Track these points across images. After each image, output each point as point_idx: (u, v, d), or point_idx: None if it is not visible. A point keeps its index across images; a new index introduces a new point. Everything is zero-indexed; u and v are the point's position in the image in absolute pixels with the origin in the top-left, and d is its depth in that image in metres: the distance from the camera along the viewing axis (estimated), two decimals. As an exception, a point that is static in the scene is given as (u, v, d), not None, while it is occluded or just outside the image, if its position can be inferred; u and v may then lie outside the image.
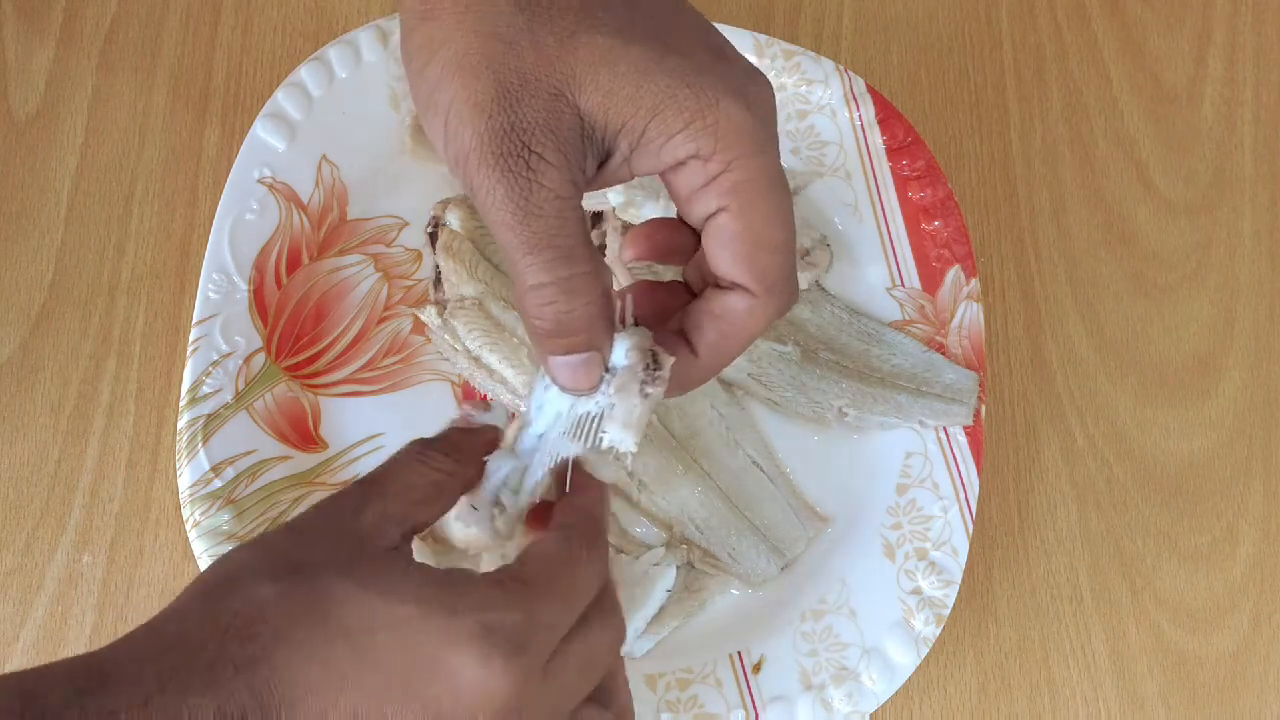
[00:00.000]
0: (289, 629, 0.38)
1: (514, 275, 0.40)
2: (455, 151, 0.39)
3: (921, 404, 0.60)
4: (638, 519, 0.59)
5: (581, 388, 0.43)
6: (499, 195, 0.38)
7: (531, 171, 0.38)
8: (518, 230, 0.39)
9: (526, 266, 0.39)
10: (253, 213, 0.59)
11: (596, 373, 0.42)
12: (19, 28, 0.66)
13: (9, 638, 0.57)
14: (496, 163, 0.38)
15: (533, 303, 0.40)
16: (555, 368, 0.42)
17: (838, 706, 0.56)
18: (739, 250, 0.41)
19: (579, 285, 0.40)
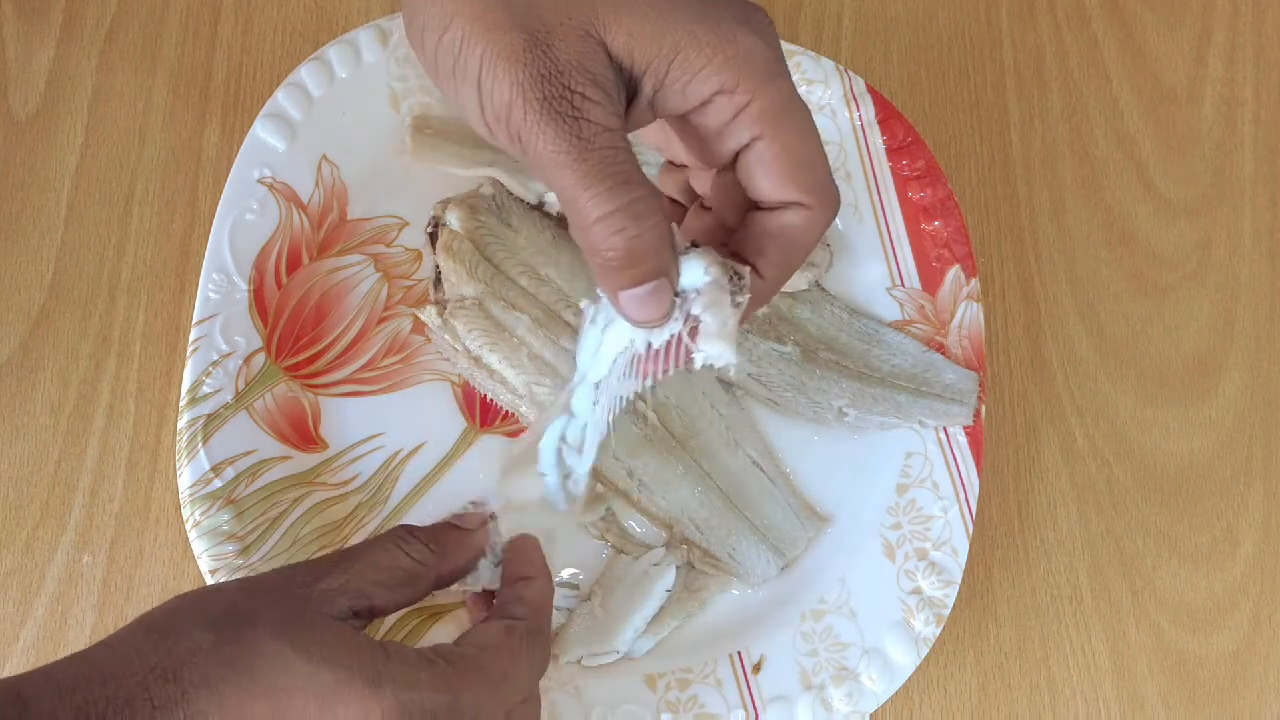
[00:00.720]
0: (215, 677, 0.39)
1: (575, 214, 0.40)
2: (496, 107, 0.39)
3: (921, 404, 0.60)
4: (638, 519, 0.59)
5: (654, 318, 0.43)
6: (549, 137, 0.39)
7: (576, 110, 0.39)
8: (574, 168, 0.39)
9: (589, 200, 0.39)
10: (253, 213, 0.59)
11: (668, 299, 0.42)
12: (19, 27, 0.66)
13: (9, 638, 0.57)
14: (542, 107, 0.38)
15: (600, 235, 0.40)
16: (627, 301, 0.42)
17: (838, 706, 0.56)
18: (782, 172, 0.42)
19: (644, 209, 0.40)
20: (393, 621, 0.55)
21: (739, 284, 0.42)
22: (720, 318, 0.42)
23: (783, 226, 0.43)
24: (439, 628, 0.56)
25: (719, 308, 0.42)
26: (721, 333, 0.42)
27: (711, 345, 0.43)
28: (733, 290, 0.42)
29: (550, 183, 0.40)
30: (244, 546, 0.54)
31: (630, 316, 0.43)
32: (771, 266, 0.44)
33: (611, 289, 0.42)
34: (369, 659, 0.41)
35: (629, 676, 0.56)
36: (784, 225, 0.43)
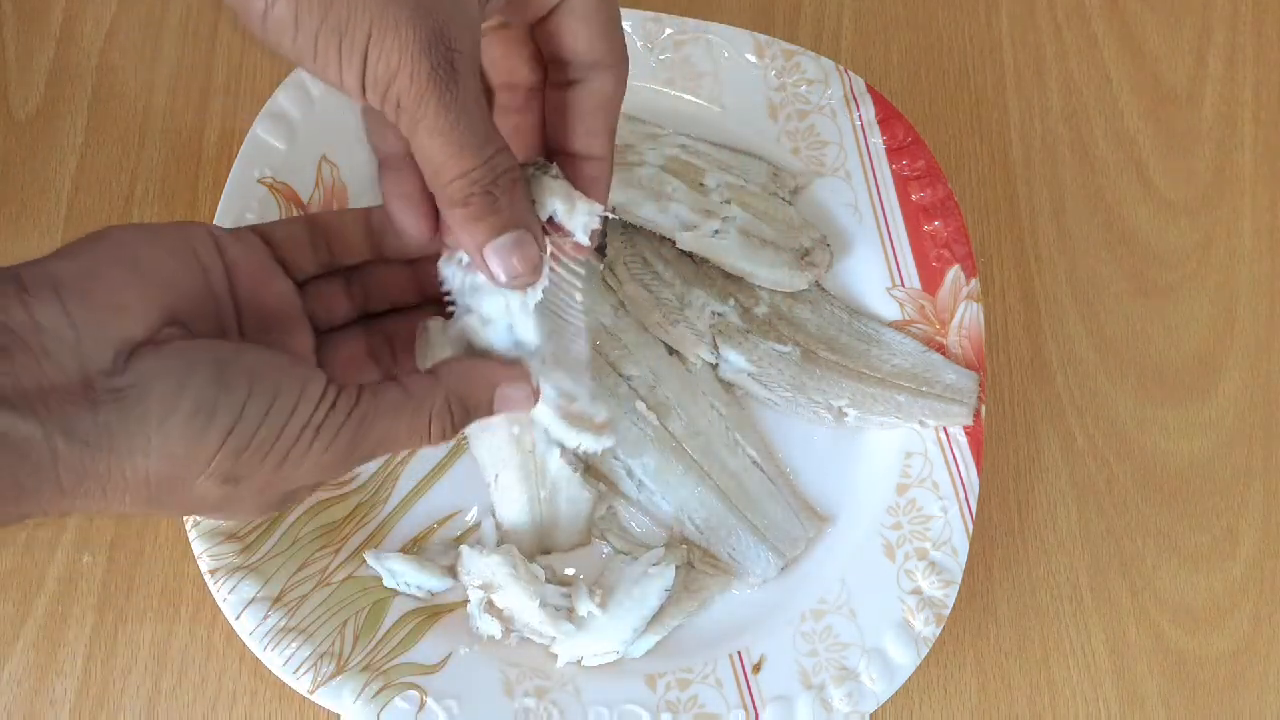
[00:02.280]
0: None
1: (433, 171, 0.42)
2: (381, 75, 0.39)
3: (921, 404, 0.60)
4: (638, 519, 0.59)
5: (522, 273, 0.44)
6: (431, 105, 0.40)
7: (456, 73, 0.40)
8: (449, 134, 0.40)
9: (450, 159, 0.41)
10: (253, 213, 0.59)
11: (535, 254, 0.44)
12: (19, 27, 0.66)
13: (9, 637, 0.57)
14: (430, 75, 0.39)
15: (459, 188, 0.42)
16: (492, 256, 0.43)
17: (838, 706, 0.56)
18: (598, 28, 0.44)
19: (500, 161, 0.42)
20: (392, 622, 0.55)
21: (592, 211, 0.46)
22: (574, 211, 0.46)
23: (601, 98, 0.46)
24: (439, 627, 0.56)
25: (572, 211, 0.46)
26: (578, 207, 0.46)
27: (576, 221, 0.46)
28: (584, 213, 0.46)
29: (417, 143, 0.41)
30: (244, 546, 0.54)
31: (497, 273, 0.44)
32: (604, 143, 0.46)
33: (475, 244, 0.43)
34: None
35: (629, 676, 0.56)
36: (598, 95, 0.45)
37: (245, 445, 0.40)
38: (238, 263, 0.45)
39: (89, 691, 0.57)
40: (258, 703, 0.57)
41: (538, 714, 0.54)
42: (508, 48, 0.47)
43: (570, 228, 0.46)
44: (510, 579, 0.55)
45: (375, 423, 0.44)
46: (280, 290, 0.47)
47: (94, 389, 0.38)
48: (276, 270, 0.47)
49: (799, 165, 0.64)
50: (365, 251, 0.50)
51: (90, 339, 0.38)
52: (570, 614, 0.56)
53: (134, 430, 0.38)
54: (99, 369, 0.38)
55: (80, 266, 0.40)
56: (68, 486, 0.38)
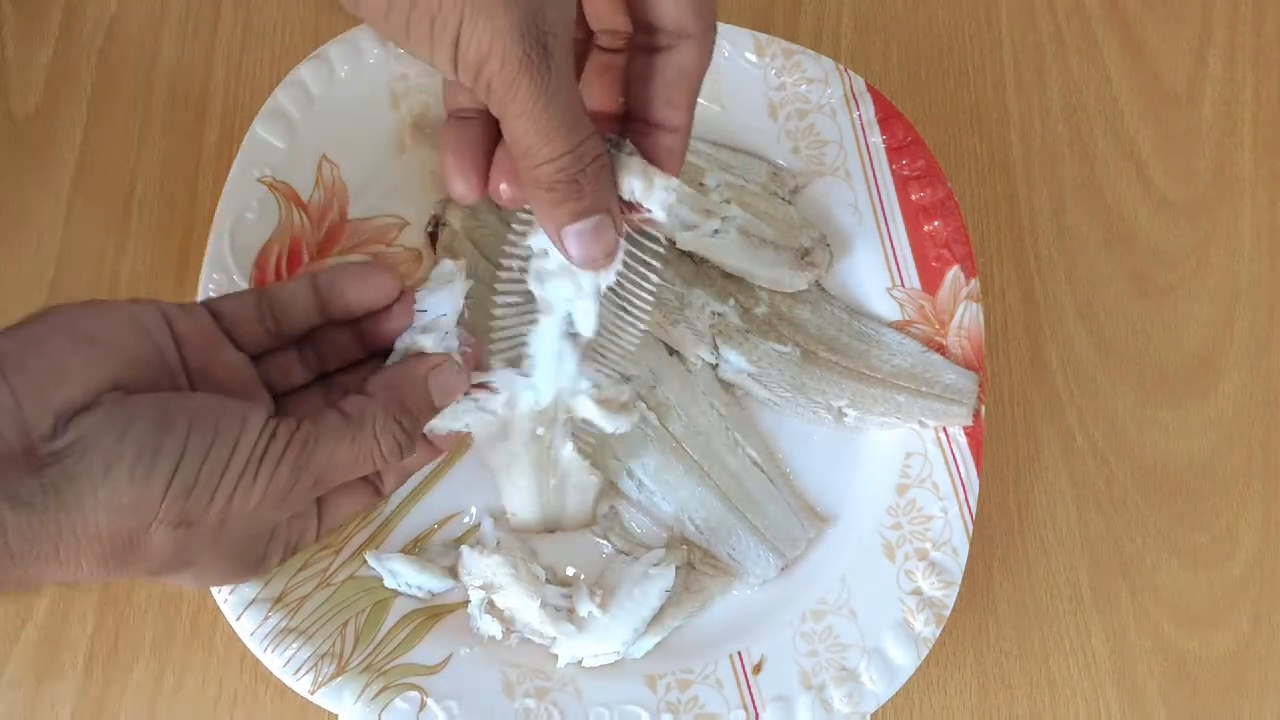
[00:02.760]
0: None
1: (523, 154, 0.42)
2: (472, 58, 0.39)
3: (921, 404, 0.60)
4: (638, 519, 0.59)
5: (598, 257, 0.45)
6: (522, 89, 0.40)
7: (549, 57, 0.40)
8: (538, 117, 0.41)
9: (542, 144, 0.41)
10: (253, 212, 0.59)
11: (612, 239, 0.45)
12: (18, 26, 0.66)
13: (9, 638, 0.57)
14: (522, 57, 0.39)
15: (547, 172, 0.42)
16: (571, 238, 0.44)
17: (838, 707, 0.56)
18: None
19: (589, 149, 0.43)
20: (393, 622, 0.55)
21: (668, 186, 0.46)
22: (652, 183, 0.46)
23: (681, 68, 0.45)
24: (440, 628, 0.56)
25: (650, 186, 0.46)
26: (657, 190, 0.46)
27: (654, 200, 0.46)
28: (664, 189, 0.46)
29: (507, 125, 0.41)
30: (244, 547, 0.54)
31: (575, 255, 0.45)
32: (683, 114, 0.46)
33: (555, 225, 0.44)
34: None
35: (629, 677, 0.56)
36: (682, 66, 0.45)
37: (192, 483, 0.40)
38: (186, 336, 0.45)
39: (89, 693, 0.57)
40: (258, 704, 0.57)
41: (538, 715, 0.54)
42: (611, 2, 0.47)
43: (648, 205, 0.46)
44: (511, 580, 0.55)
45: (317, 449, 0.43)
46: (231, 360, 0.47)
47: (36, 454, 0.38)
48: (224, 341, 0.47)
49: (799, 165, 0.64)
50: (313, 318, 0.49)
51: (30, 407, 0.38)
52: (571, 615, 0.56)
53: (80, 486, 0.38)
54: (39, 435, 0.38)
55: (20, 341, 0.40)
56: (18, 552, 0.38)
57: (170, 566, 0.42)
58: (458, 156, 0.46)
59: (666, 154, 0.47)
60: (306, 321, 0.49)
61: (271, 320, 0.48)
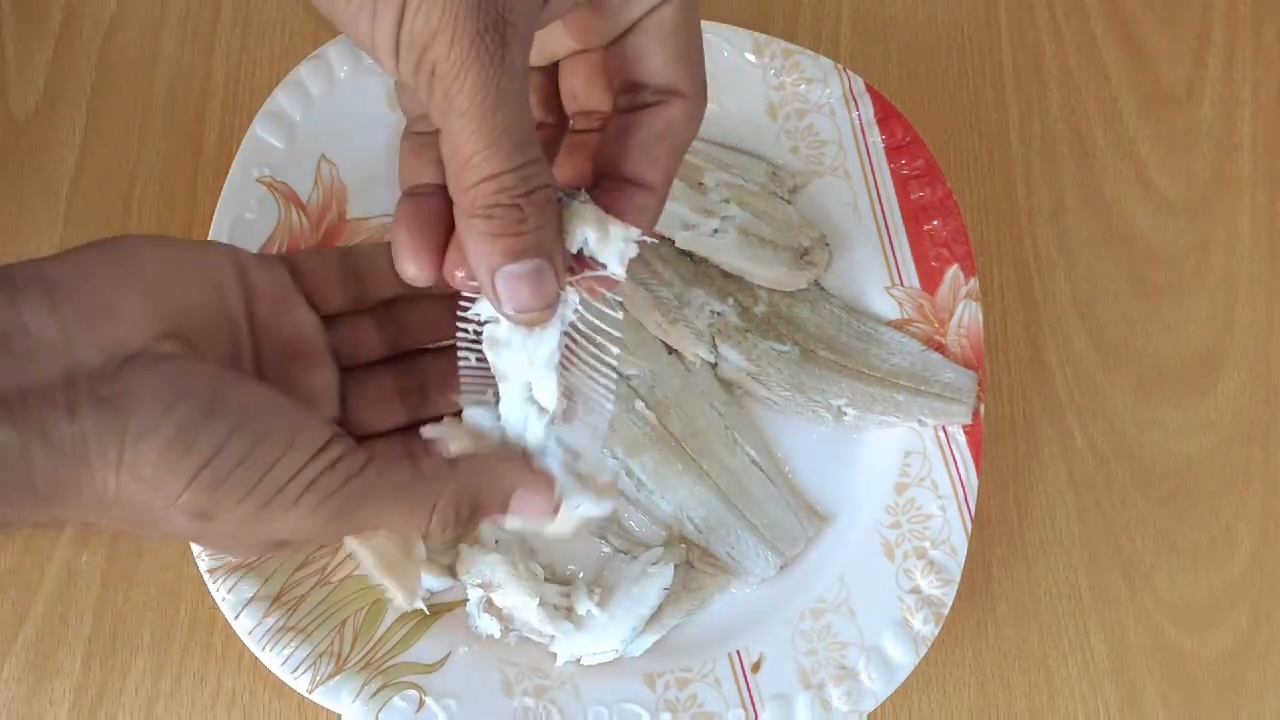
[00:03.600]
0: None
1: (458, 168, 0.37)
2: (418, 35, 0.35)
3: (920, 403, 0.60)
4: (637, 518, 0.59)
5: (533, 307, 0.39)
6: (469, 79, 0.35)
7: (505, 47, 0.35)
8: (485, 119, 0.35)
9: (482, 156, 0.36)
10: (252, 212, 0.59)
11: (551, 290, 0.39)
12: (18, 26, 0.66)
13: (8, 637, 0.57)
14: (473, 41, 0.34)
15: (483, 194, 0.37)
16: (504, 283, 0.38)
17: (836, 705, 0.56)
18: (678, 48, 0.40)
19: (535, 173, 0.37)
20: (391, 621, 0.55)
21: (628, 237, 0.40)
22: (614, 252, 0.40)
23: (668, 124, 0.41)
24: (438, 627, 0.56)
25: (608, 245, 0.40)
26: (617, 255, 0.40)
27: (610, 259, 0.40)
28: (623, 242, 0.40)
29: (447, 126, 0.36)
30: (243, 545, 0.54)
31: (506, 303, 0.39)
32: (662, 172, 0.41)
33: (486, 266, 0.38)
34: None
35: (628, 675, 0.56)
36: (669, 122, 0.41)
37: (221, 481, 0.38)
38: (259, 288, 0.43)
39: (88, 691, 0.57)
40: (256, 702, 0.57)
41: (537, 713, 0.54)
42: (591, 76, 0.43)
43: (602, 258, 0.40)
44: (509, 578, 0.55)
45: (374, 498, 0.41)
46: (302, 321, 0.44)
47: (77, 392, 0.36)
48: (300, 300, 0.45)
49: (798, 164, 0.64)
50: (399, 285, 0.45)
51: (79, 341, 0.37)
52: (569, 613, 0.56)
53: (107, 443, 0.36)
54: (88, 372, 0.37)
55: (77, 267, 0.38)
56: (44, 493, 0.37)
57: (183, 537, 0.40)
58: (410, 234, 0.41)
59: (638, 211, 0.41)
60: (392, 288, 0.46)
61: (354, 282, 0.46)
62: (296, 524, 0.40)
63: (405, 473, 0.42)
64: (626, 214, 0.40)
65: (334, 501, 0.40)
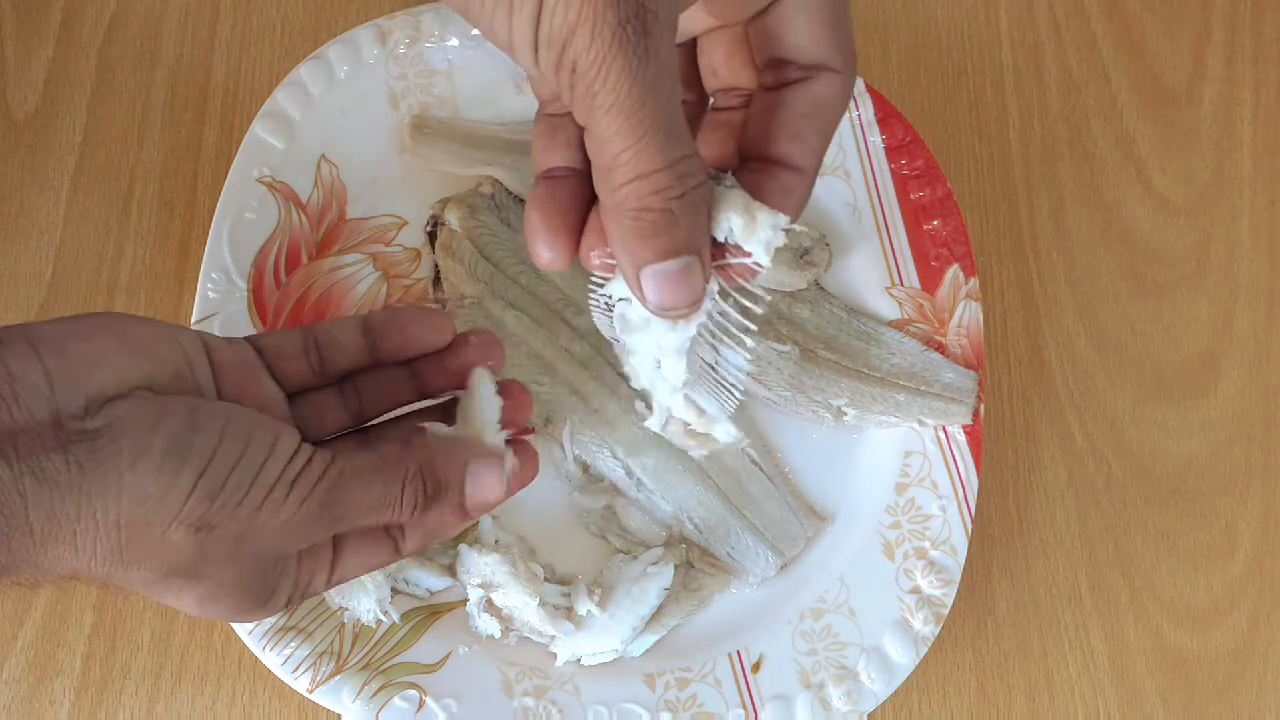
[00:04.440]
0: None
1: (608, 166, 0.35)
2: (554, 29, 0.34)
3: (921, 403, 0.60)
4: (637, 518, 0.59)
5: (680, 305, 0.38)
6: (613, 73, 0.34)
7: (649, 38, 0.33)
8: (632, 113, 0.34)
9: (633, 153, 0.35)
10: (252, 212, 0.59)
11: (699, 285, 0.38)
12: (18, 26, 0.66)
13: (8, 637, 0.57)
14: (614, 33, 0.33)
15: (634, 193, 0.35)
16: (650, 280, 0.37)
17: (837, 705, 0.56)
18: (824, 21, 0.38)
19: (689, 169, 0.36)
20: (391, 622, 0.55)
21: (776, 225, 0.38)
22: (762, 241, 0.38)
23: (816, 102, 0.39)
24: (438, 627, 0.56)
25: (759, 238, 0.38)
26: (764, 245, 0.38)
27: (757, 248, 0.38)
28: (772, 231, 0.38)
29: (592, 123, 0.35)
30: (243, 546, 0.54)
31: (652, 300, 0.38)
32: (811, 153, 0.39)
33: (634, 263, 0.37)
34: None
35: (628, 675, 0.56)
36: (818, 100, 0.39)
37: (219, 487, 0.39)
38: (225, 365, 0.44)
39: (88, 691, 0.57)
40: (256, 703, 0.57)
41: (537, 713, 0.54)
42: (731, 51, 0.41)
43: (748, 247, 0.38)
44: (509, 578, 0.55)
45: (349, 485, 0.42)
46: (267, 393, 0.45)
47: (64, 430, 0.37)
48: (264, 374, 0.45)
49: (798, 164, 0.64)
50: (360, 358, 0.47)
51: (62, 387, 0.38)
52: (569, 613, 0.56)
53: (106, 469, 0.37)
54: (70, 413, 0.37)
55: (60, 328, 0.39)
56: (38, 531, 0.37)
57: (181, 570, 0.40)
58: (545, 216, 0.39)
59: (784, 193, 0.39)
60: (353, 361, 0.47)
61: (316, 357, 0.46)
62: (286, 521, 0.41)
63: (369, 456, 0.43)
64: (773, 197, 0.39)
65: (317, 494, 0.41)
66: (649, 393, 0.45)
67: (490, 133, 0.63)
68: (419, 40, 0.62)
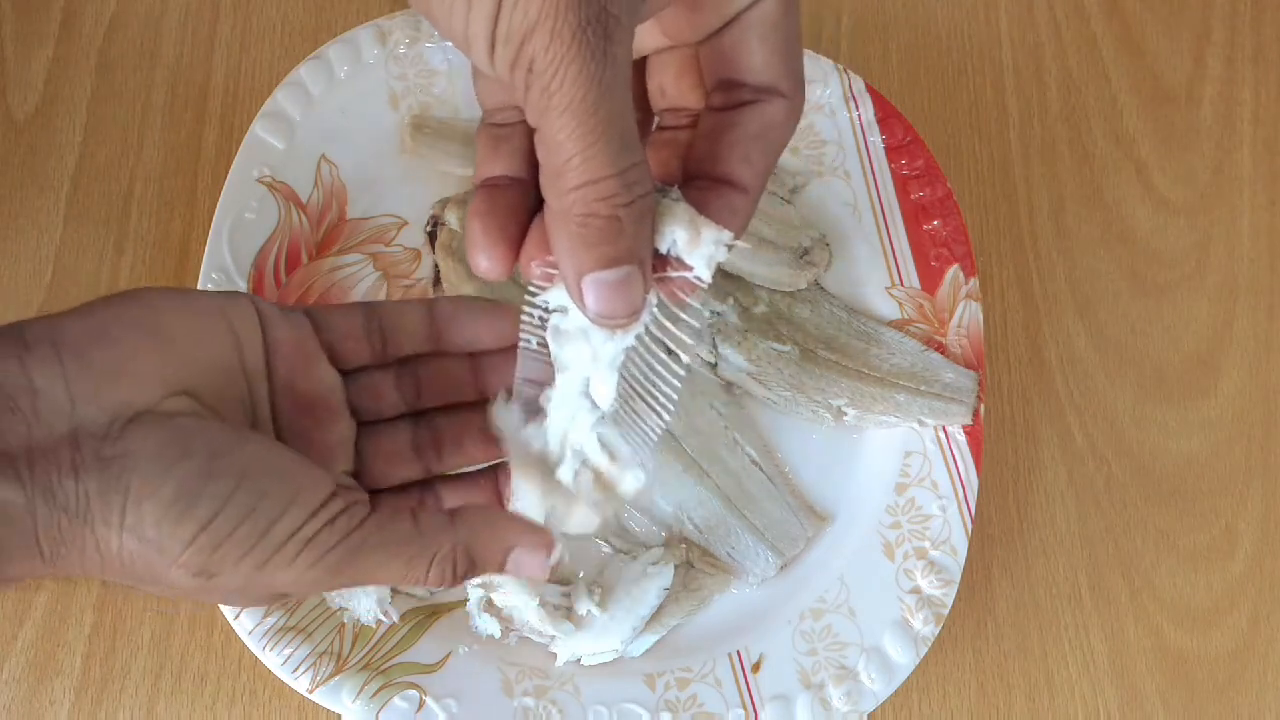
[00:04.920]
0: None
1: (558, 170, 0.35)
2: (512, 27, 0.33)
3: (921, 403, 0.60)
4: (637, 518, 0.59)
5: (618, 315, 0.38)
6: (570, 75, 0.33)
7: (608, 41, 0.33)
8: (586, 118, 0.34)
9: (583, 159, 0.34)
10: (252, 212, 0.59)
11: (638, 296, 0.37)
12: (17, 26, 0.66)
13: (7, 637, 0.57)
14: (574, 35, 0.33)
15: (582, 199, 0.35)
16: (591, 288, 0.37)
17: (837, 706, 0.56)
18: (778, 44, 0.39)
19: (637, 177, 0.36)
20: (390, 622, 0.55)
21: (719, 240, 0.38)
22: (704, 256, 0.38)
23: (766, 125, 0.39)
24: (438, 627, 0.56)
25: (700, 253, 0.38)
26: (706, 258, 0.38)
27: (698, 260, 0.38)
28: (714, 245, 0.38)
29: (544, 124, 0.35)
30: (243, 546, 0.54)
31: (592, 307, 0.37)
32: (758, 174, 0.39)
33: (576, 270, 0.37)
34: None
35: (628, 675, 0.56)
36: (767, 123, 0.39)
37: (221, 541, 0.37)
38: (280, 343, 0.42)
39: (88, 691, 0.57)
40: (256, 703, 0.57)
41: (537, 713, 0.54)
42: (681, 71, 0.41)
43: (690, 260, 0.38)
44: (509, 578, 0.55)
45: (373, 552, 0.40)
46: (322, 377, 0.44)
47: (80, 452, 0.36)
48: (321, 356, 0.44)
49: (798, 164, 0.64)
50: (423, 344, 0.45)
51: (84, 401, 0.37)
52: (569, 613, 0.56)
53: (111, 503, 0.36)
54: (90, 432, 0.37)
55: (89, 327, 0.38)
56: (48, 552, 0.37)
57: (186, 594, 0.39)
58: (486, 227, 0.39)
59: (730, 212, 0.39)
60: (415, 345, 0.46)
61: (378, 338, 0.45)
62: (295, 579, 0.40)
63: (406, 527, 0.41)
64: (718, 215, 0.39)
65: (331, 558, 0.39)
66: (561, 439, 0.44)
67: (490, 133, 0.63)
68: (419, 40, 0.62)
